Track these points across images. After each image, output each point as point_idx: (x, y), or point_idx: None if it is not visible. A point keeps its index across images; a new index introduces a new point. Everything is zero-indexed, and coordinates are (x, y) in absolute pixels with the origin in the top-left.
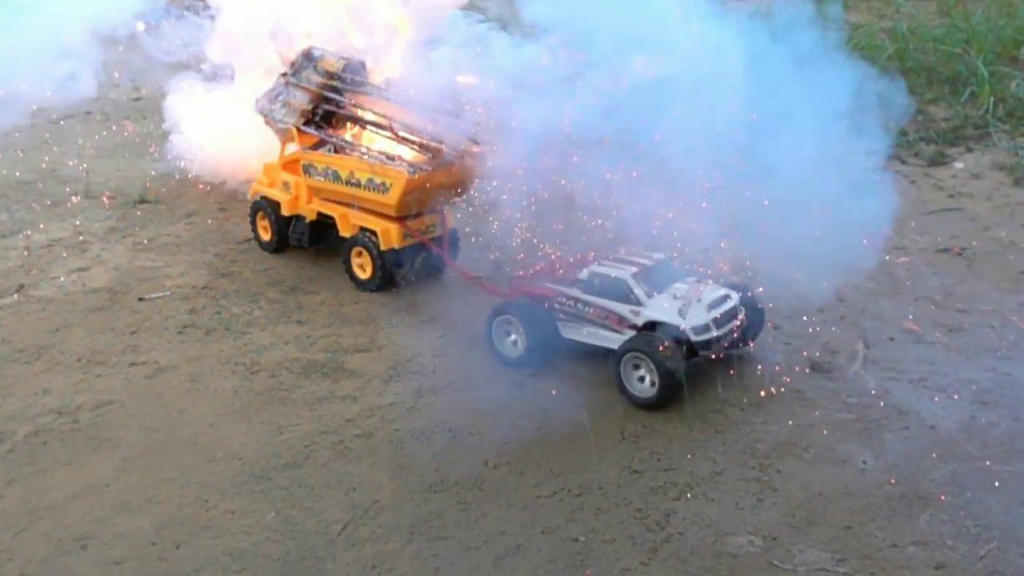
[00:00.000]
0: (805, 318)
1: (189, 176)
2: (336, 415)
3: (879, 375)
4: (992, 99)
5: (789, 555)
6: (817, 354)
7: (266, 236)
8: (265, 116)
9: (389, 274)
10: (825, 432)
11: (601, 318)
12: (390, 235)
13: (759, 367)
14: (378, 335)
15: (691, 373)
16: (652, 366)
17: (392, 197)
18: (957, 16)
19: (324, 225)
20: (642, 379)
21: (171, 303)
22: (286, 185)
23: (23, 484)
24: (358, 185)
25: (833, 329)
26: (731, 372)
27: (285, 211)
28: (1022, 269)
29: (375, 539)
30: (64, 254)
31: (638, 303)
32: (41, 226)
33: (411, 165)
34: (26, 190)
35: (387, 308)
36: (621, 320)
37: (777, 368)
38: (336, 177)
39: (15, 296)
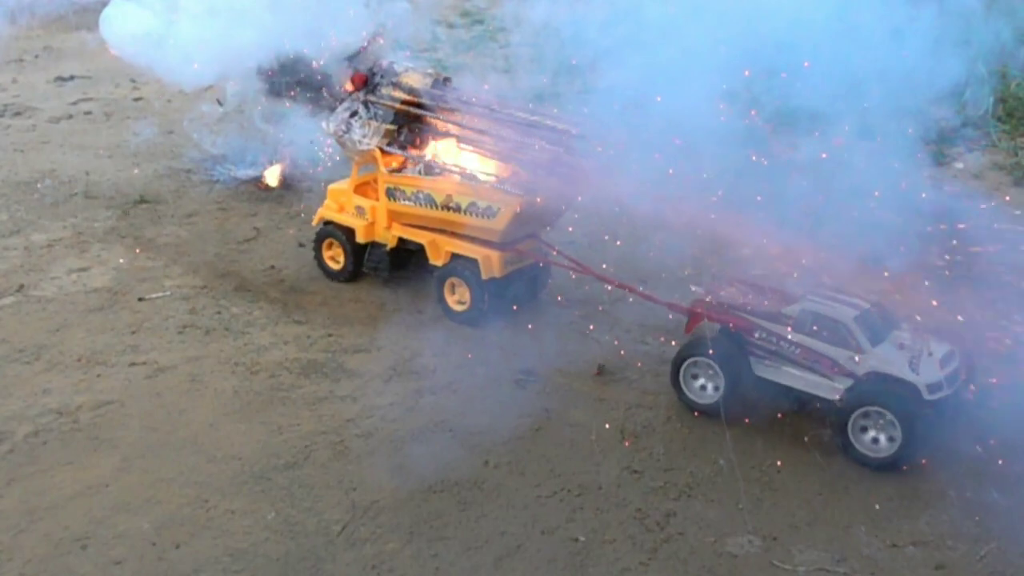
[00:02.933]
0: None
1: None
2: (336, 415)
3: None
4: (992, 99)
5: (789, 555)
6: None
7: (336, 265)
8: (339, 137)
9: (490, 305)
10: (824, 433)
11: (810, 361)
12: (491, 263)
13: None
14: (378, 335)
15: None
16: (895, 422)
17: (500, 222)
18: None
19: (405, 252)
20: (875, 439)
21: (171, 303)
22: (360, 210)
23: (23, 484)
24: (458, 210)
25: None
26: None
27: (360, 238)
28: None
29: (375, 539)
30: (64, 254)
31: (860, 350)
32: (41, 226)
33: (521, 187)
34: (26, 190)
35: (387, 308)
36: (836, 366)
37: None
38: (430, 202)
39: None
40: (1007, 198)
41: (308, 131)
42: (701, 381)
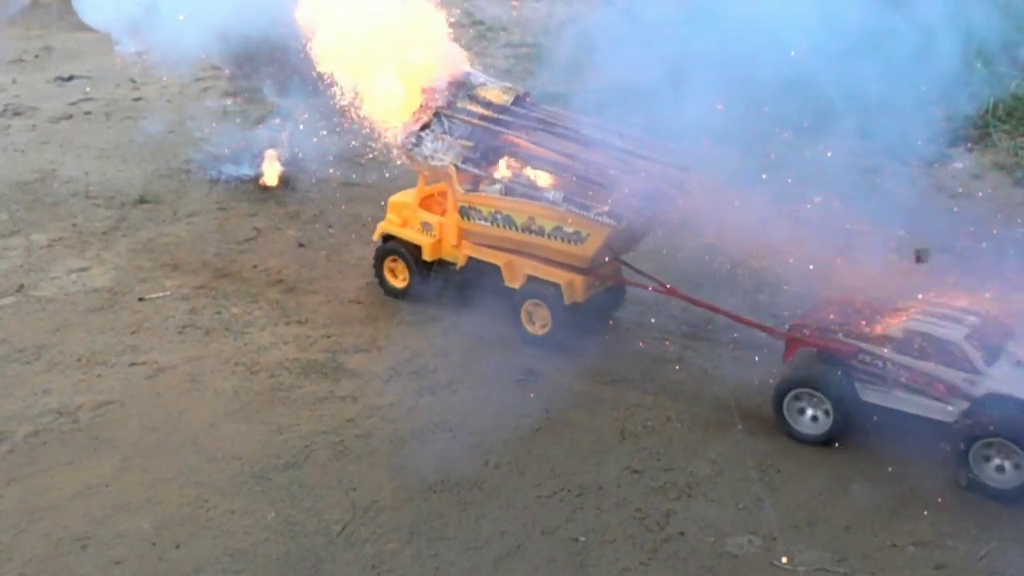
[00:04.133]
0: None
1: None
2: (336, 415)
3: None
4: (991, 99)
5: (789, 555)
6: None
7: (399, 283)
8: (409, 152)
9: (571, 329)
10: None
11: (922, 384)
12: (575, 288)
13: (759, 367)
14: (378, 335)
15: (713, 379)
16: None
17: (588, 249)
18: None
19: (475, 271)
20: (1000, 468)
21: (171, 303)
22: (427, 227)
23: (23, 484)
24: (540, 233)
25: None
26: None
27: (427, 256)
28: None
29: (375, 539)
30: (64, 254)
31: (975, 371)
32: (41, 226)
33: (612, 214)
34: (26, 190)
35: (387, 308)
36: (950, 389)
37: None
38: (509, 223)
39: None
40: None
41: (307, 129)
42: (809, 411)
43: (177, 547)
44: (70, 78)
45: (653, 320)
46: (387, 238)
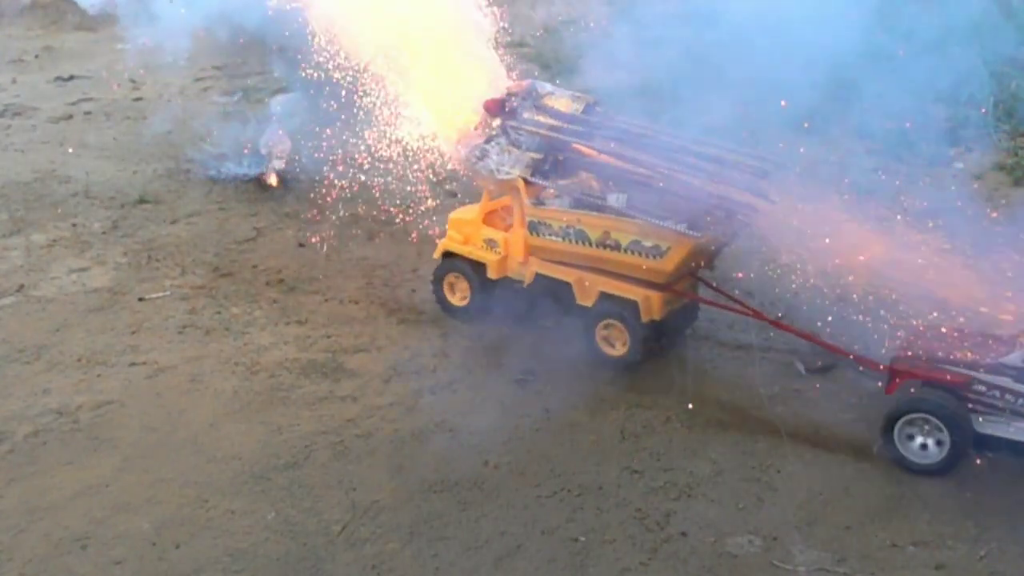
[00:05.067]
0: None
1: None
2: (336, 415)
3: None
4: (992, 99)
5: (789, 555)
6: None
7: (461, 301)
8: (473, 166)
9: (648, 348)
10: (825, 433)
11: None
12: (651, 305)
13: (759, 368)
14: (378, 335)
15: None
16: None
17: (668, 263)
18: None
19: (543, 289)
20: None
21: (171, 303)
22: (491, 243)
23: (23, 484)
24: (616, 248)
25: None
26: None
27: (493, 274)
28: None
29: (375, 539)
30: (64, 254)
31: None
32: (41, 226)
33: (693, 226)
34: (26, 190)
35: (387, 308)
36: None
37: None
38: (582, 238)
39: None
40: None
41: (307, 129)
42: (919, 439)
43: (177, 547)
44: (70, 78)
45: None
46: (447, 255)
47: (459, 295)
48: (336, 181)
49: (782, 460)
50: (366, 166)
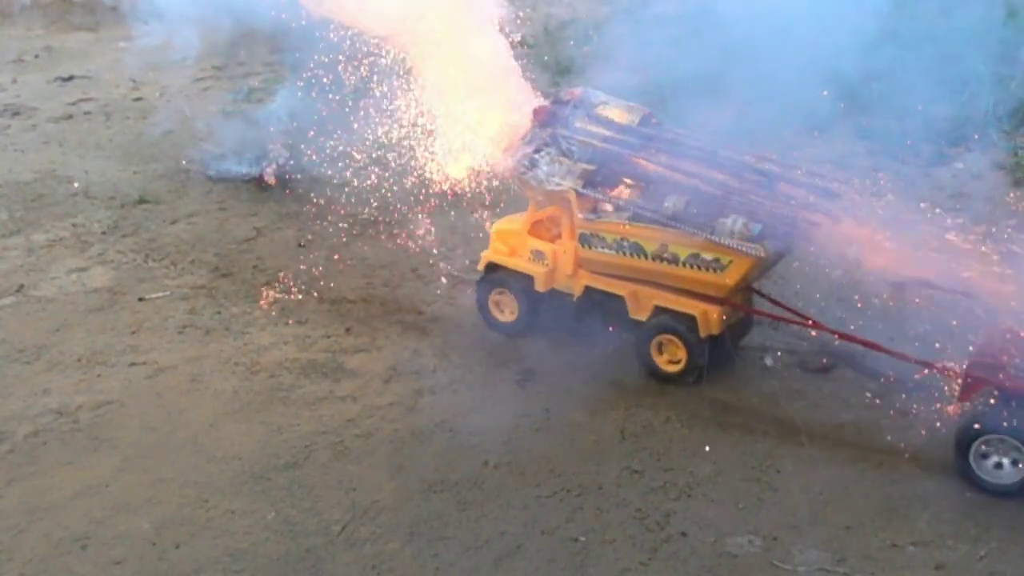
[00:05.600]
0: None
1: None
2: (336, 415)
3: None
4: (992, 99)
5: (789, 555)
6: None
7: (507, 316)
8: (522, 176)
9: (706, 364)
10: (825, 432)
11: None
12: (710, 319)
13: (760, 368)
14: (378, 335)
15: (713, 378)
16: None
17: (730, 277)
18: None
19: (593, 302)
20: None
21: (171, 303)
22: (538, 255)
23: (23, 484)
24: (673, 261)
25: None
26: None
27: (540, 287)
28: None
29: (375, 539)
30: (64, 254)
31: None
32: (41, 226)
33: (757, 241)
34: (26, 190)
35: (387, 308)
36: None
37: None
38: (637, 251)
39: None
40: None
41: (308, 129)
42: (994, 459)
43: (177, 547)
44: (70, 78)
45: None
46: (491, 268)
47: (505, 309)
48: (337, 181)
49: (782, 460)
50: (367, 166)
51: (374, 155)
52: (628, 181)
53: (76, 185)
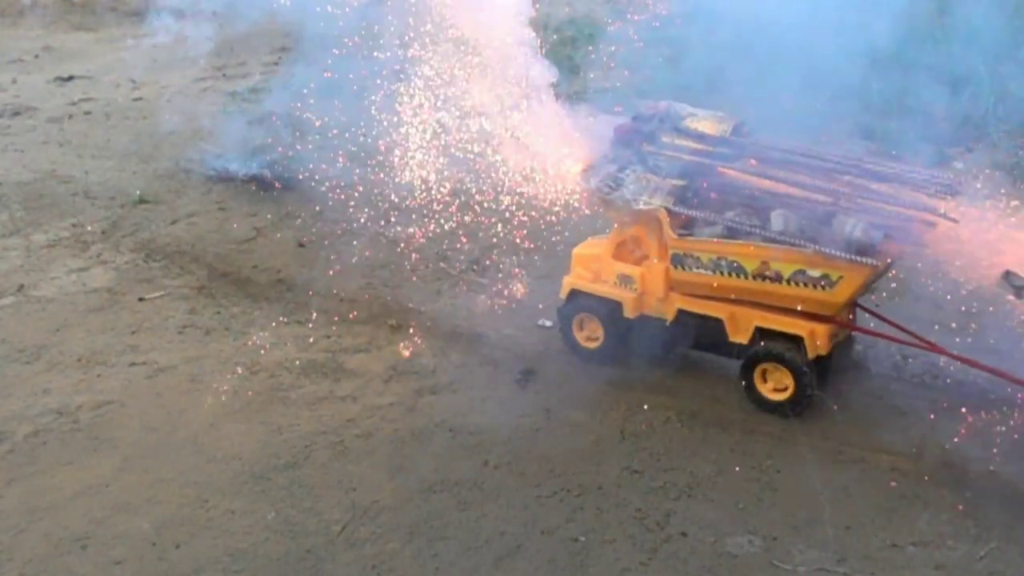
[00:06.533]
0: None
1: None
2: (336, 415)
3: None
4: (992, 99)
5: (789, 555)
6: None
7: (593, 343)
8: (606, 197)
9: (816, 387)
10: (825, 432)
11: None
12: (818, 339)
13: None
14: (378, 335)
15: (713, 378)
16: None
17: (841, 294)
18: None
19: (688, 325)
20: None
21: (171, 303)
22: (626, 279)
23: (23, 484)
24: (777, 279)
25: None
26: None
27: (629, 313)
28: None
29: (375, 539)
30: (64, 254)
31: None
32: (41, 226)
33: (876, 249)
34: (26, 190)
35: (387, 308)
36: None
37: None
38: (737, 270)
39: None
40: None
41: (308, 129)
42: None
43: (177, 547)
44: (70, 78)
45: None
46: (574, 294)
47: (589, 335)
48: (337, 181)
49: (782, 460)
50: (367, 166)
51: (374, 155)
52: (723, 195)
53: (76, 185)
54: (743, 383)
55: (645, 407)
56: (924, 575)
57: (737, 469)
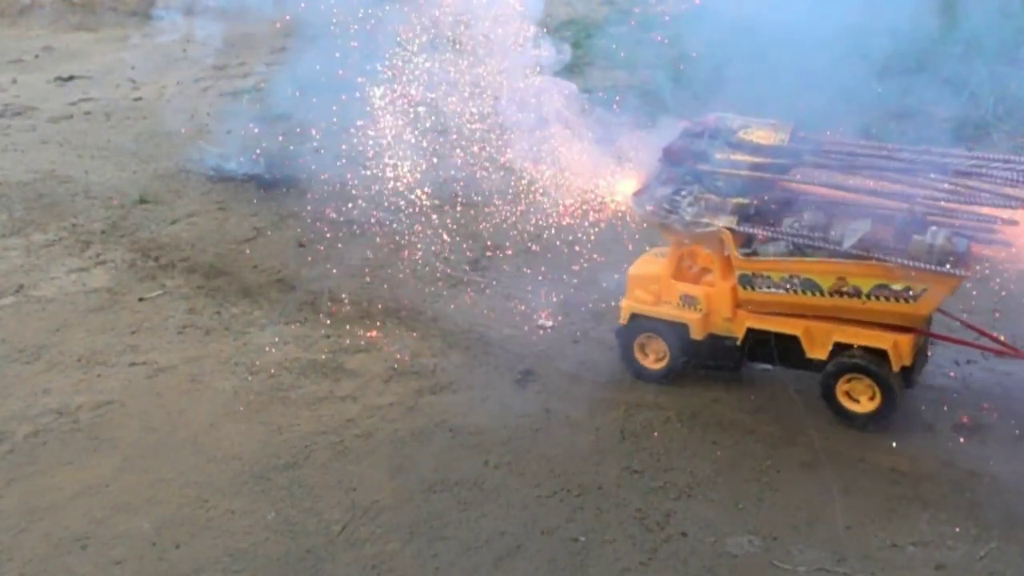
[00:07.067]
0: None
1: None
2: (336, 415)
3: None
4: (992, 99)
5: (789, 555)
6: None
7: (657, 364)
8: (663, 220)
9: (901, 399)
10: (825, 432)
11: None
12: (902, 351)
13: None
14: (378, 335)
15: (713, 378)
16: None
17: (926, 305)
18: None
19: (758, 342)
20: None
21: (171, 303)
22: (689, 300)
23: (23, 484)
24: (855, 295)
25: None
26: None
27: (697, 334)
28: None
29: (375, 539)
30: (64, 254)
31: None
32: (41, 226)
33: (962, 257)
34: (26, 190)
35: (387, 308)
36: None
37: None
38: (811, 287)
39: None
40: None
41: (307, 129)
42: None
43: (177, 547)
44: (70, 78)
45: None
46: (634, 317)
47: (651, 356)
48: (337, 180)
49: (782, 460)
50: (367, 166)
51: (374, 155)
52: (790, 208)
53: (76, 185)
54: (823, 396)
55: (645, 407)
56: (924, 575)
57: (737, 469)
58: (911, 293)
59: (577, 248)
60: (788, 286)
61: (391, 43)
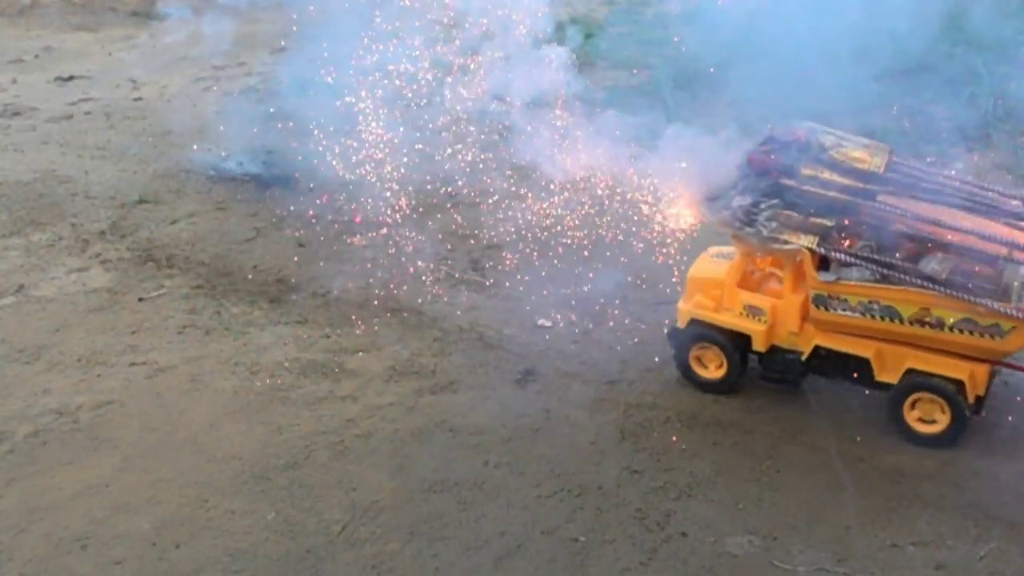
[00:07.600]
0: None
1: None
2: (336, 415)
3: None
4: (992, 99)
5: (789, 555)
6: None
7: (715, 373)
8: (739, 232)
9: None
10: (825, 432)
11: None
12: (978, 381)
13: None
14: (378, 335)
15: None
16: None
17: (1012, 344)
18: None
19: (825, 359)
20: None
21: (171, 303)
22: (754, 311)
23: (23, 484)
24: (938, 326)
25: None
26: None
27: (760, 346)
28: None
29: (375, 539)
30: (64, 254)
31: None
32: (41, 226)
33: None
34: (26, 190)
35: (387, 308)
36: None
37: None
38: (891, 314)
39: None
40: None
41: (307, 129)
42: None
43: (177, 547)
44: (70, 78)
45: (643, 320)
46: (692, 322)
47: (710, 364)
48: (337, 181)
49: (782, 460)
50: (367, 166)
51: (374, 155)
52: (878, 235)
53: (76, 185)
54: (891, 415)
55: (645, 407)
56: (924, 575)
57: (737, 469)
58: (998, 330)
59: (577, 248)
60: (866, 311)
61: (391, 43)
